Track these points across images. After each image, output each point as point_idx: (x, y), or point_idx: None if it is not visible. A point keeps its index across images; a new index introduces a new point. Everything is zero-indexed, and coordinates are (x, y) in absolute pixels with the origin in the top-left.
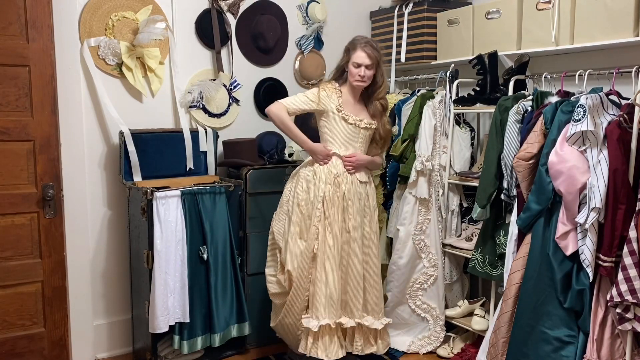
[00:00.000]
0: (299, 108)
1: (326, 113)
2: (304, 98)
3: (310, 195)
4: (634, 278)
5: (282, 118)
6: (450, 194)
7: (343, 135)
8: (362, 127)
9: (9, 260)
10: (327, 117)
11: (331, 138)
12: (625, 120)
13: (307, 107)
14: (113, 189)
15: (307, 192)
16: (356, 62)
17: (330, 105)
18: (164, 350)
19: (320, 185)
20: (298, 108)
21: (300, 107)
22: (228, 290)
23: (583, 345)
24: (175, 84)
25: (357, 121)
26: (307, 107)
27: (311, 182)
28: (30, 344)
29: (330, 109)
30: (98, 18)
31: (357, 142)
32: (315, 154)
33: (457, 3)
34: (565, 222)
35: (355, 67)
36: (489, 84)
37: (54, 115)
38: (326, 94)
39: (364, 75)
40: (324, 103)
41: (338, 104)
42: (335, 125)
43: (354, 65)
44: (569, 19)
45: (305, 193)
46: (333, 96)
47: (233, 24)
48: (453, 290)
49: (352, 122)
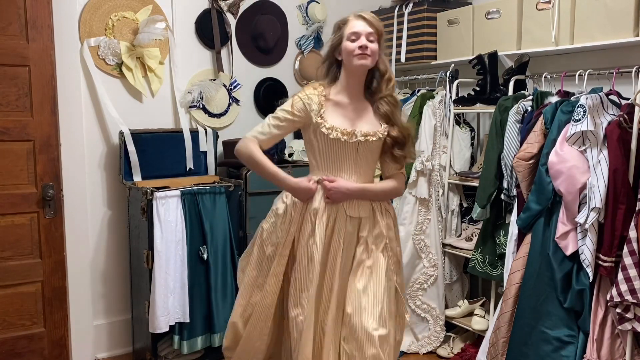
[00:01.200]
0: (272, 134)
1: (306, 127)
2: (273, 120)
3: (277, 235)
4: (634, 278)
5: (251, 153)
6: (450, 194)
7: (326, 155)
8: (353, 141)
9: (9, 260)
10: (307, 133)
11: (314, 160)
12: (625, 120)
13: (282, 129)
14: (113, 189)
15: (274, 229)
16: (352, 31)
17: (311, 115)
18: (164, 350)
19: (290, 225)
20: (271, 135)
21: (273, 132)
22: (228, 290)
23: (583, 345)
24: (175, 84)
25: (343, 134)
26: (281, 130)
27: (280, 217)
28: (30, 344)
29: (308, 122)
30: (98, 18)
31: (352, 162)
32: (298, 194)
33: (457, 3)
34: (565, 222)
35: (353, 41)
36: (489, 84)
37: (54, 115)
38: (303, 102)
39: (366, 46)
40: (302, 114)
41: (318, 111)
42: (316, 141)
43: (350, 38)
44: (569, 19)
45: (271, 229)
46: (314, 101)
47: (233, 24)
48: (453, 290)
49: (336, 135)
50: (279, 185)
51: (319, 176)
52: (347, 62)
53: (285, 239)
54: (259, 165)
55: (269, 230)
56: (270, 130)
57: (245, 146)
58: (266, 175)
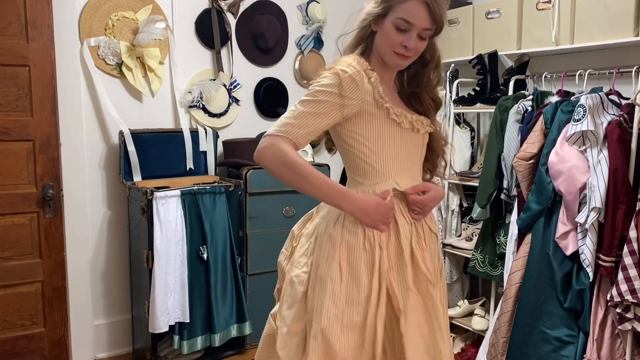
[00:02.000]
0: (312, 127)
1: (357, 117)
2: (311, 106)
3: (361, 291)
4: (634, 278)
5: (285, 157)
6: (450, 194)
7: (392, 154)
8: (422, 133)
9: (9, 260)
10: (354, 124)
11: (377, 163)
12: (625, 120)
13: (327, 119)
14: (113, 189)
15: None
16: (405, 18)
17: (365, 98)
18: (163, 350)
19: (382, 264)
20: (309, 128)
21: (312, 123)
22: (228, 290)
23: (583, 345)
24: (175, 84)
25: (414, 121)
26: (326, 121)
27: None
28: (30, 344)
29: (365, 107)
30: (98, 18)
31: (419, 162)
32: (372, 216)
33: (457, 3)
34: (565, 222)
35: (400, 31)
36: (489, 84)
37: (54, 115)
38: (353, 79)
39: (412, 48)
40: (354, 95)
41: (377, 93)
42: (375, 135)
43: (398, 25)
44: (569, 18)
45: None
46: (364, 81)
47: (233, 24)
48: (453, 290)
49: (409, 124)
50: (339, 205)
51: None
52: (381, 48)
53: (380, 290)
54: (302, 174)
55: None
56: (305, 118)
57: (273, 147)
58: (316, 190)
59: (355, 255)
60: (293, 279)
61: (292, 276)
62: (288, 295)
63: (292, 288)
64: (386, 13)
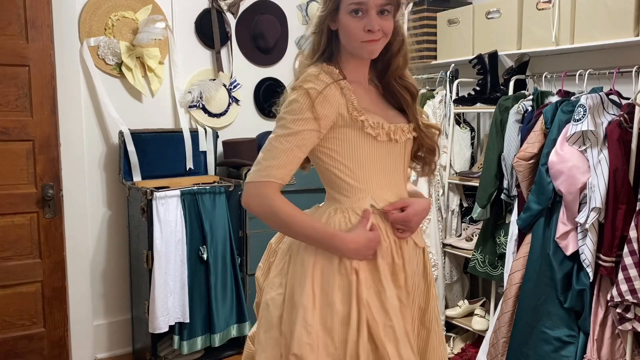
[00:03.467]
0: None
1: (331, 132)
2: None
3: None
4: (634, 278)
5: (274, 209)
6: (450, 194)
7: (377, 167)
8: (402, 141)
9: (8, 260)
10: (329, 141)
11: (353, 180)
12: (625, 120)
13: (305, 146)
14: (113, 189)
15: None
16: (355, 1)
17: (340, 111)
18: (163, 350)
19: (360, 289)
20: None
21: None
22: (228, 290)
23: (583, 345)
24: (175, 84)
25: (391, 132)
26: (304, 149)
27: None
28: (30, 344)
29: (339, 121)
30: (98, 18)
31: (401, 172)
32: (362, 252)
33: (457, 3)
34: (566, 222)
35: (356, 17)
36: (489, 84)
37: (54, 115)
38: (323, 95)
39: (377, 29)
40: (327, 114)
41: (351, 105)
42: (351, 150)
43: (352, 11)
44: (569, 18)
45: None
46: (336, 94)
47: (233, 24)
48: (453, 290)
49: (386, 136)
50: (330, 250)
51: (362, 205)
52: (347, 44)
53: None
54: (289, 223)
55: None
56: (286, 156)
57: (260, 198)
58: (302, 237)
59: (329, 280)
60: (268, 302)
61: (267, 299)
62: (265, 319)
63: (267, 312)
64: (337, 6)
